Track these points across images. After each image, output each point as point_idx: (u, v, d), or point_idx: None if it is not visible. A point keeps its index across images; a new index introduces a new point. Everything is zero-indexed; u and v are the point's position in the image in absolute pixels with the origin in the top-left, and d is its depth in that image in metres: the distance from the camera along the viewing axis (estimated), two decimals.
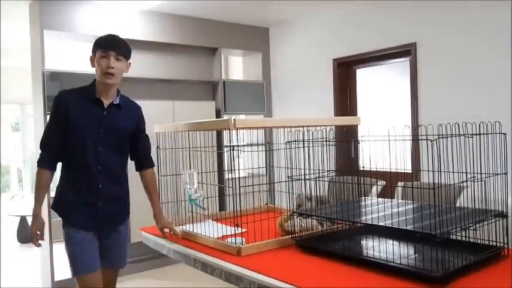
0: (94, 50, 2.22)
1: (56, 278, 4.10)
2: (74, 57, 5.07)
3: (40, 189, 2.24)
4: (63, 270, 4.28)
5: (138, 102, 3.24)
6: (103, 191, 2.20)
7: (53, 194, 2.64)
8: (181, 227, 2.44)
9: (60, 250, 4.81)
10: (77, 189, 2.20)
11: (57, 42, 4.64)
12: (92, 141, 2.17)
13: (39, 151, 2.24)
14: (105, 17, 4.42)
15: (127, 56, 2.25)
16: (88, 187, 2.18)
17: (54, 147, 2.21)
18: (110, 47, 2.18)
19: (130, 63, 2.30)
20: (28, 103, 4.49)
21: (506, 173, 1.71)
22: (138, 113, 2.41)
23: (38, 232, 2.25)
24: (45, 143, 2.23)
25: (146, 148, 2.43)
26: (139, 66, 4.78)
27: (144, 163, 2.45)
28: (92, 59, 2.24)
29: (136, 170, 2.47)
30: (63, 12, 4.18)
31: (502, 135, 1.70)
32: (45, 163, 2.22)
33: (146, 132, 2.44)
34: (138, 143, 2.37)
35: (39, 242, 2.27)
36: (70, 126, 2.15)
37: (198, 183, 2.43)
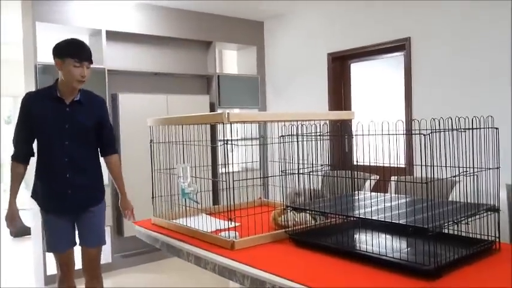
0: (63, 56, 2.41)
1: (49, 272, 4.08)
2: None
3: (13, 180, 2.49)
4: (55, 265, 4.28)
5: (132, 95, 3.25)
6: (71, 180, 2.46)
7: None
8: (174, 221, 2.43)
9: None
10: (48, 180, 2.48)
11: (50, 34, 4.59)
12: (58, 136, 2.43)
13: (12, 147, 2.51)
14: (99, 9, 4.38)
15: (92, 61, 2.53)
16: (58, 177, 2.45)
17: (22, 143, 2.49)
18: (84, 58, 2.44)
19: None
20: (21, 96, 4.44)
21: (498, 168, 1.72)
22: (100, 107, 2.65)
23: (6, 220, 2.51)
24: (15, 140, 2.51)
25: (109, 137, 2.69)
26: (133, 59, 4.76)
27: (107, 150, 2.69)
28: (58, 64, 2.43)
29: (101, 156, 2.71)
30: (56, 5, 4.15)
31: (495, 129, 1.71)
32: (17, 157, 2.49)
33: (110, 123, 2.73)
34: (101, 135, 2.62)
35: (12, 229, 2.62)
36: (36, 124, 2.43)
37: (192, 177, 2.42)
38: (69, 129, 2.45)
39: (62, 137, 2.43)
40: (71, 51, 2.42)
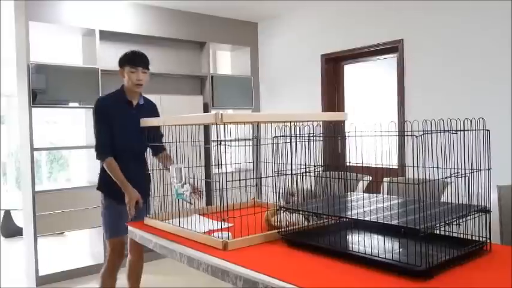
0: (122, 65, 2.85)
1: (41, 273, 4.06)
2: (61, 50, 5.01)
3: (117, 171, 2.74)
4: (48, 265, 4.26)
5: None
6: (135, 171, 2.76)
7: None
8: (167, 221, 2.43)
9: (45, 245, 4.77)
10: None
11: (43, 34, 4.57)
12: (126, 134, 2.78)
13: (96, 151, 2.82)
14: (93, 9, 4.37)
15: (149, 68, 2.89)
16: (124, 169, 2.74)
17: (106, 140, 2.77)
18: (138, 63, 2.81)
19: (149, 72, 2.92)
20: (14, 95, 4.41)
21: (489, 169, 1.73)
22: (154, 109, 3.06)
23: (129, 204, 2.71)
24: (101, 139, 2.79)
25: (160, 135, 2.97)
26: None
27: (160, 146, 2.93)
28: (121, 72, 2.87)
29: (153, 155, 2.97)
30: (49, 4, 4.13)
31: (486, 131, 1.73)
32: (106, 153, 2.77)
33: None
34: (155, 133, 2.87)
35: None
36: (112, 122, 2.76)
37: (185, 177, 2.42)
38: (134, 127, 2.70)
39: (129, 135, 2.77)
40: (127, 59, 2.83)
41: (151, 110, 2.98)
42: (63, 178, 7.67)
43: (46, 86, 4.05)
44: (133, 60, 2.82)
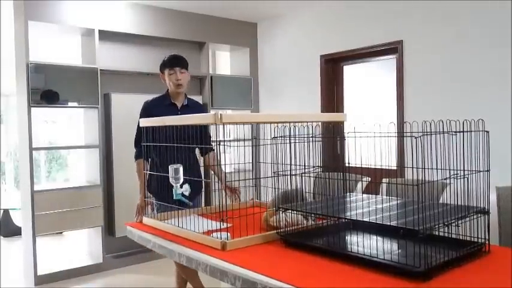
0: (162, 69, 2.94)
1: (39, 273, 4.06)
2: (60, 50, 5.01)
3: (139, 174, 2.86)
4: (47, 265, 4.25)
5: (125, 95, 3.30)
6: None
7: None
8: (166, 221, 2.43)
9: (43, 244, 4.78)
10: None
11: (42, 34, 4.57)
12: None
13: (135, 148, 2.93)
14: (92, 9, 4.37)
15: (187, 68, 2.96)
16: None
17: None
18: (175, 65, 2.88)
19: (189, 72, 3.00)
20: (13, 95, 4.41)
21: (488, 170, 1.73)
22: (201, 109, 3.17)
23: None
24: (138, 140, 2.84)
25: (207, 136, 2.98)
26: (126, 59, 4.74)
27: (207, 148, 2.99)
28: (162, 76, 2.97)
29: (201, 155, 3.08)
30: (48, 4, 4.12)
31: (485, 133, 1.73)
32: (139, 154, 2.83)
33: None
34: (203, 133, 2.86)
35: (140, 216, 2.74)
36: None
37: (184, 178, 2.42)
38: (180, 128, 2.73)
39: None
40: (164, 63, 2.93)
41: (197, 110, 3.00)
42: (62, 178, 7.67)
43: (45, 86, 4.04)
44: (170, 63, 2.90)
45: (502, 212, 2.31)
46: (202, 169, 3.04)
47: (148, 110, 2.91)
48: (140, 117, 2.86)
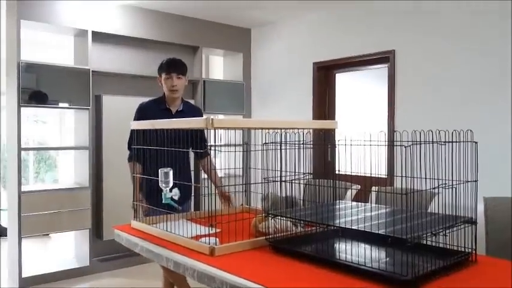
0: (159, 73, 2.92)
1: (24, 275, 4.01)
2: (52, 50, 4.98)
3: (134, 179, 2.76)
4: (32, 267, 4.20)
5: (117, 97, 3.29)
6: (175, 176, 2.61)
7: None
8: (154, 225, 2.41)
9: (29, 246, 4.72)
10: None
11: (35, 33, 4.54)
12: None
13: (128, 150, 2.89)
14: (86, 10, 4.35)
15: (185, 73, 2.94)
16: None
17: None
18: (172, 70, 2.87)
19: (188, 77, 3.00)
20: (3, 94, 4.37)
21: (476, 181, 1.75)
22: (198, 113, 3.08)
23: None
24: (129, 143, 2.84)
25: (202, 140, 2.96)
26: (119, 61, 4.73)
27: (203, 153, 2.97)
28: (158, 80, 2.95)
29: (197, 159, 3.10)
30: (42, 3, 4.10)
31: (473, 143, 1.74)
32: (135, 158, 2.76)
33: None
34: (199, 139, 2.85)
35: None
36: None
37: (174, 182, 2.41)
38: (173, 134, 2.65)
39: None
40: (162, 67, 2.90)
41: (192, 115, 2.97)
42: (51, 179, 7.60)
43: (36, 86, 4.01)
44: (167, 67, 2.88)
45: (489, 222, 2.33)
46: (193, 173, 3.03)
47: (142, 113, 2.90)
48: (134, 119, 2.86)
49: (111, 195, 4.42)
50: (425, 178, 1.72)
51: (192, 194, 3.06)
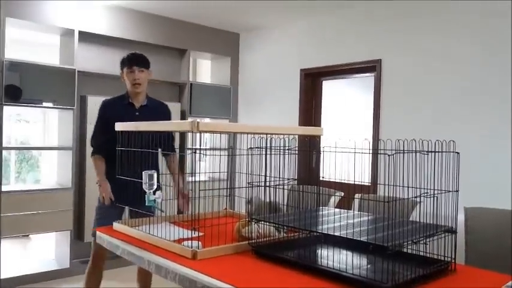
0: (122, 67, 2.89)
1: (2, 276, 3.93)
2: (37, 48, 4.92)
3: (96, 167, 2.86)
4: (11, 268, 4.13)
5: (102, 98, 3.23)
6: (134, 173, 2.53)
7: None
8: (137, 227, 2.39)
9: (8, 247, 4.63)
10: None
11: (20, 31, 4.49)
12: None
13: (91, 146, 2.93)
14: (73, 9, 4.31)
15: (147, 67, 2.90)
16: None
17: (100, 140, 2.87)
18: (134, 63, 2.83)
19: (151, 71, 2.96)
20: None
21: (457, 191, 1.77)
22: (164, 112, 3.01)
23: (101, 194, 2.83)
24: (96, 138, 2.91)
25: (170, 138, 2.89)
26: (106, 62, 4.69)
27: (168, 150, 2.91)
28: (121, 75, 2.91)
29: (163, 156, 2.99)
30: (28, 2, 4.05)
31: (456, 154, 1.77)
32: (99, 151, 2.87)
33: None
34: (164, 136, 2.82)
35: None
36: (111, 124, 2.55)
37: (158, 184, 2.39)
38: None
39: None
40: (124, 61, 2.88)
41: (157, 110, 2.94)
42: (33, 179, 7.47)
43: (20, 84, 3.96)
44: (129, 61, 2.85)
45: (469, 231, 2.36)
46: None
47: (104, 109, 2.90)
48: (98, 116, 2.91)
49: (94, 196, 4.33)
50: (408, 187, 1.74)
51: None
